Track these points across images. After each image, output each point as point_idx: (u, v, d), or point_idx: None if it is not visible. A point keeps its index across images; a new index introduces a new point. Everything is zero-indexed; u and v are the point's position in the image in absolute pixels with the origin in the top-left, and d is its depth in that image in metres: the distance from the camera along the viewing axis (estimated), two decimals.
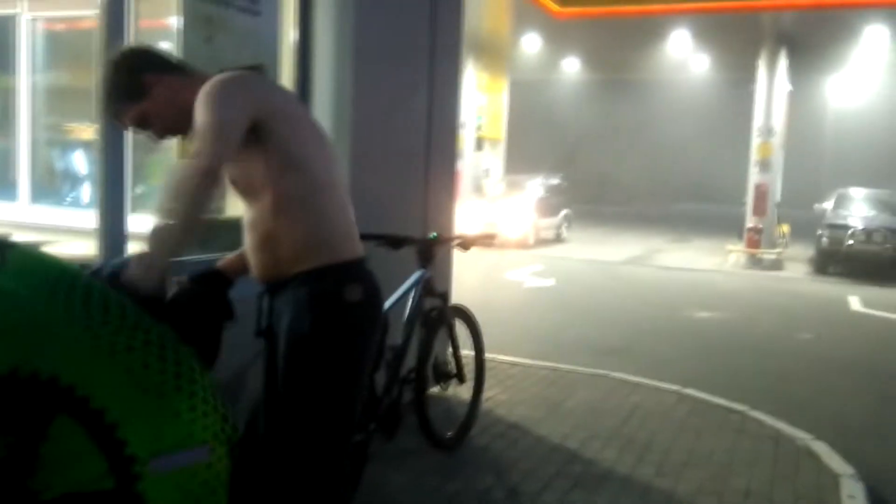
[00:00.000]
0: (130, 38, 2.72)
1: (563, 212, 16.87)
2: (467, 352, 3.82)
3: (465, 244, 3.89)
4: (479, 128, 17.66)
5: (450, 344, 3.67)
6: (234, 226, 2.10)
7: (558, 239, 16.39)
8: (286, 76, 3.41)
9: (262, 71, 2.02)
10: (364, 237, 2.05)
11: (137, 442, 1.36)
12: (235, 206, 2.07)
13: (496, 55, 17.05)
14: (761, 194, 13.80)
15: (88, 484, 1.34)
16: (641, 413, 4.38)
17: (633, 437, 3.93)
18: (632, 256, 14.47)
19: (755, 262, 13.45)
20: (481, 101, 17.85)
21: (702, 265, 13.59)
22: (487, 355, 3.96)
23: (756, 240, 13.58)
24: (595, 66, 20.76)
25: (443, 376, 3.69)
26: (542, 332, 7.07)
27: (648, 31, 14.30)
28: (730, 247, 14.41)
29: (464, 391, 3.84)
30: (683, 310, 8.78)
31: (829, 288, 11.23)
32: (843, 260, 12.38)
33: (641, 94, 24.78)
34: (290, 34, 3.46)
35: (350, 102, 3.59)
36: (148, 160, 4.00)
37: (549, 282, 10.65)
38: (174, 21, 2.97)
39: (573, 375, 5.16)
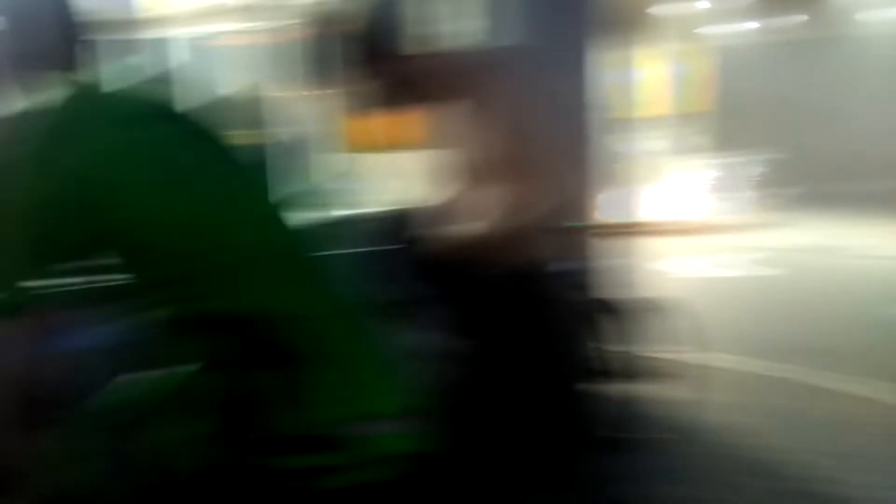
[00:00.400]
0: None
1: (762, 192, 15.17)
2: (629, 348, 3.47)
3: (613, 232, 3.63)
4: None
5: (601, 339, 3.40)
6: None
7: (762, 223, 14.72)
8: None
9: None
10: None
11: (342, 403, 1.36)
12: None
13: (680, 21, 16.03)
14: None
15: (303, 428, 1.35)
16: (840, 423, 3.83)
17: (862, 454, 3.41)
18: (837, 242, 12.95)
19: None
20: (671, 71, 16.77)
21: None
22: (676, 353, 3.62)
23: None
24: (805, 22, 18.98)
25: (596, 373, 3.40)
26: (739, 328, 6.37)
27: None
28: None
29: (622, 389, 3.48)
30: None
31: None
32: None
33: (840, 54, 22.35)
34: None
35: None
36: (315, 160, 4.07)
37: (746, 272, 9.79)
38: None
39: (776, 378, 4.63)
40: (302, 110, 2.31)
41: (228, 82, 5.03)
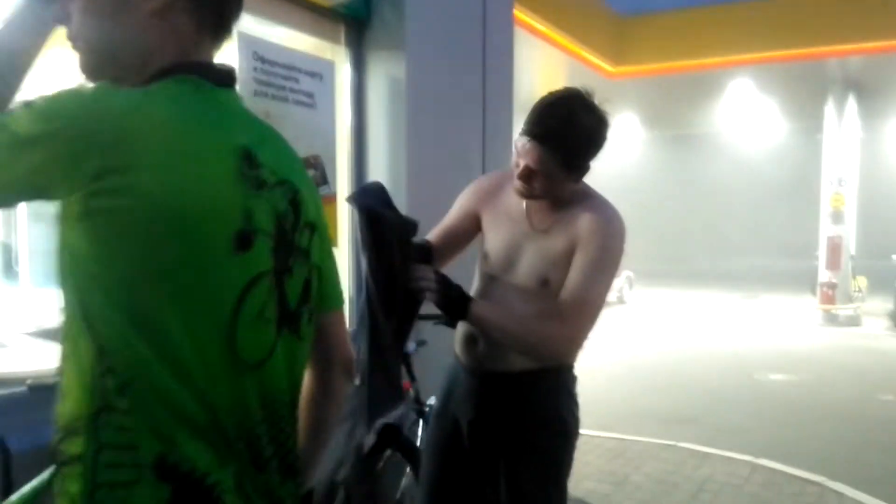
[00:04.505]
0: None
1: (625, 273, 16.19)
2: None
3: None
4: None
5: None
6: None
7: (620, 301, 16.02)
8: (342, 160, 3.54)
9: None
10: (423, 317, 1.99)
11: None
12: None
13: None
14: (834, 247, 13.30)
15: None
16: (713, 486, 4.24)
17: None
18: (698, 316, 14.11)
19: (830, 319, 12.93)
20: None
21: (774, 324, 13.14)
22: None
23: (830, 295, 13.06)
24: (653, 122, 20.70)
25: None
26: (605, 401, 6.86)
27: (708, 83, 14.14)
28: (807, 303, 13.91)
29: None
30: (755, 372, 8.48)
31: None
32: None
33: (703, 149, 24.49)
34: (345, 122, 3.60)
35: (405, 182, 3.68)
36: None
37: (611, 347, 10.41)
38: None
39: (640, 446, 5.03)
40: None
41: None
